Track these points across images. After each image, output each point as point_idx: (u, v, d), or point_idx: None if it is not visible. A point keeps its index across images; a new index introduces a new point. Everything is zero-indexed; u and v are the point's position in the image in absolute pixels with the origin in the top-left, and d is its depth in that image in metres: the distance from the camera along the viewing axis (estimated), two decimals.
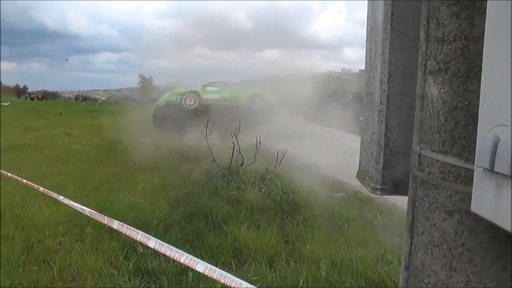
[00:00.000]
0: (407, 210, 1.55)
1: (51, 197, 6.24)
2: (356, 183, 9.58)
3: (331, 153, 14.87)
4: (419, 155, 1.43)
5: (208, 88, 17.76)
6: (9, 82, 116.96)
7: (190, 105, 16.88)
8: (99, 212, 5.49)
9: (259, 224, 5.59)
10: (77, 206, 3.14)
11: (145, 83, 60.45)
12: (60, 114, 30.39)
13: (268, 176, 7.14)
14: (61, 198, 3.44)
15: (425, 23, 1.41)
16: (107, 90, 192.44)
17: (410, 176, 1.53)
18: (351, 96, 32.11)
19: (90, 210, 3.07)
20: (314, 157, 12.66)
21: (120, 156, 11.04)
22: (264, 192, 6.71)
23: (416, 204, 1.45)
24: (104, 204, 6.15)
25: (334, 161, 12.97)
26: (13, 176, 4.93)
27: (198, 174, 7.94)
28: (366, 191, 7.75)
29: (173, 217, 5.80)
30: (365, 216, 6.46)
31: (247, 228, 5.34)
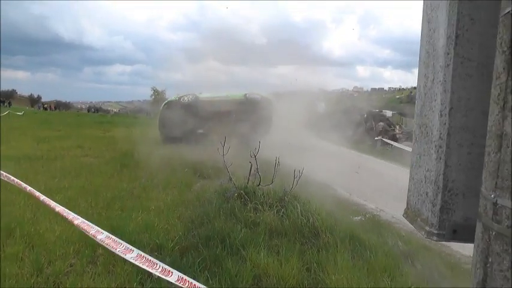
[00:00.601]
0: (475, 264, 1.34)
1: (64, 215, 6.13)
2: (373, 206, 9.40)
3: (345, 173, 14.69)
4: (495, 203, 1.22)
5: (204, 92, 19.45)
6: (24, 91, 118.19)
7: (188, 100, 18.02)
8: (112, 232, 5.35)
9: (279, 249, 5.37)
10: (94, 233, 2.94)
11: (158, 96, 60.77)
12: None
13: (286, 198, 6.92)
14: (76, 222, 3.21)
15: (506, 49, 1.20)
16: (119, 102, 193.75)
17: (480, 225, 1.32)
18: (365, 115, 32.02)
19: (107, 235, 2.86)
20: (327, 176, 12.48)
21: (132, 171, 10.85)
22: (282, 215, 6.49)
23: (490, 260, 1.24)
24: (117, 223, 5.94)
25: (349, 181, 12.78)
26: (31, 190, 4.76)
27: (213, 193, 7.73)
28: (384, 215, 7.53)
29: (189, 239, 5.59)
30: (386, 243, 6.23)
31: (267, 253, 5.12)
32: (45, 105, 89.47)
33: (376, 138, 23.59)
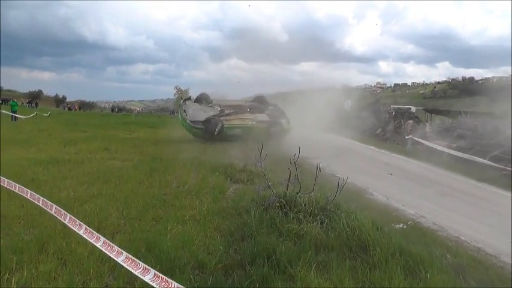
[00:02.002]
0: None
1: (96, 221, 5.81)
2: (412, 212, 8.95)
3: (380, 175, 14.26)
4: None
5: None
6: (50, 92, 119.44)
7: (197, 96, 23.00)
8: (148, 248, 5.02)
9: (327, 265, 4.95)
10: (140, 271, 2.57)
11: (181, 94, 60.88)
12: None
13: (329, 206, 6.49)
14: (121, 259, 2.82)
15: None
16: (142, 101, 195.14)
17: None
18: (393, 113, 31.28)
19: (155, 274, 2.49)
20: (361, 178, 12.05)
21: (162, 175, 10.52)
22: (326, 226, 6.08)
23: None
24: (153, 237, 5.56)
25: (386, 184, 12.33)
26: (58, 208, 4.40)
27: (250, 201, 7.31)
28: (425, 222, 7.04)
29: (231, 255, 5.19)
30: (436, 256, 5.74)
31: (316, 271, 4.71)
32: (69, 105, 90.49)
33: (407, 137, 22.80)
